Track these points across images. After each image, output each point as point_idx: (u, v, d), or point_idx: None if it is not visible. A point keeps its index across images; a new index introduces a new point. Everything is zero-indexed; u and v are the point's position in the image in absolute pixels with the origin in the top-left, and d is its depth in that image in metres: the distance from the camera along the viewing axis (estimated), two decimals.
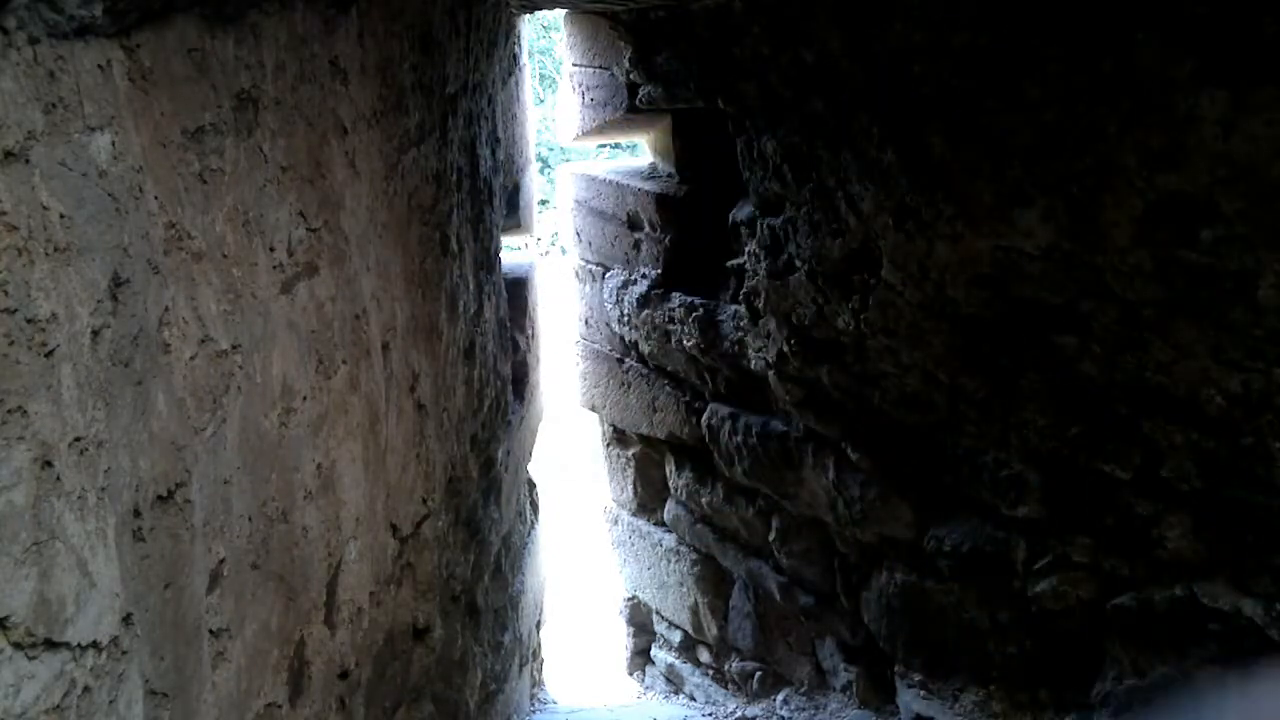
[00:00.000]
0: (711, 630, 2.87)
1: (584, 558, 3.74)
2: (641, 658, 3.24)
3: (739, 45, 2.28)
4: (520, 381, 2.61)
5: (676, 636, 3.03)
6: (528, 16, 2.74)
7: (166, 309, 0.77)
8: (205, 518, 0.84)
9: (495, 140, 2.25)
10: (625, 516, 3.09)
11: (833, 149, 2.01)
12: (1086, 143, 1.59)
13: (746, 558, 2.68)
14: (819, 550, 2.47)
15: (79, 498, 0.64)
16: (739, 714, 2.69)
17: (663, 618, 3.07)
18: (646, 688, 3.18)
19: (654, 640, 3.19)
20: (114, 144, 0.69)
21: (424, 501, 1.55)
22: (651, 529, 3.00)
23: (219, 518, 0.87)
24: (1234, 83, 1.46)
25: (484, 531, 2.03)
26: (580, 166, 3.06)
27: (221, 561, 0.87)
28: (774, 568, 2.60)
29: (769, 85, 2.15)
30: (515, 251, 2.78)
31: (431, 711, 1.60)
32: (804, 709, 2.56)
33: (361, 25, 1.25)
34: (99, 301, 0.67)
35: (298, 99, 1.04)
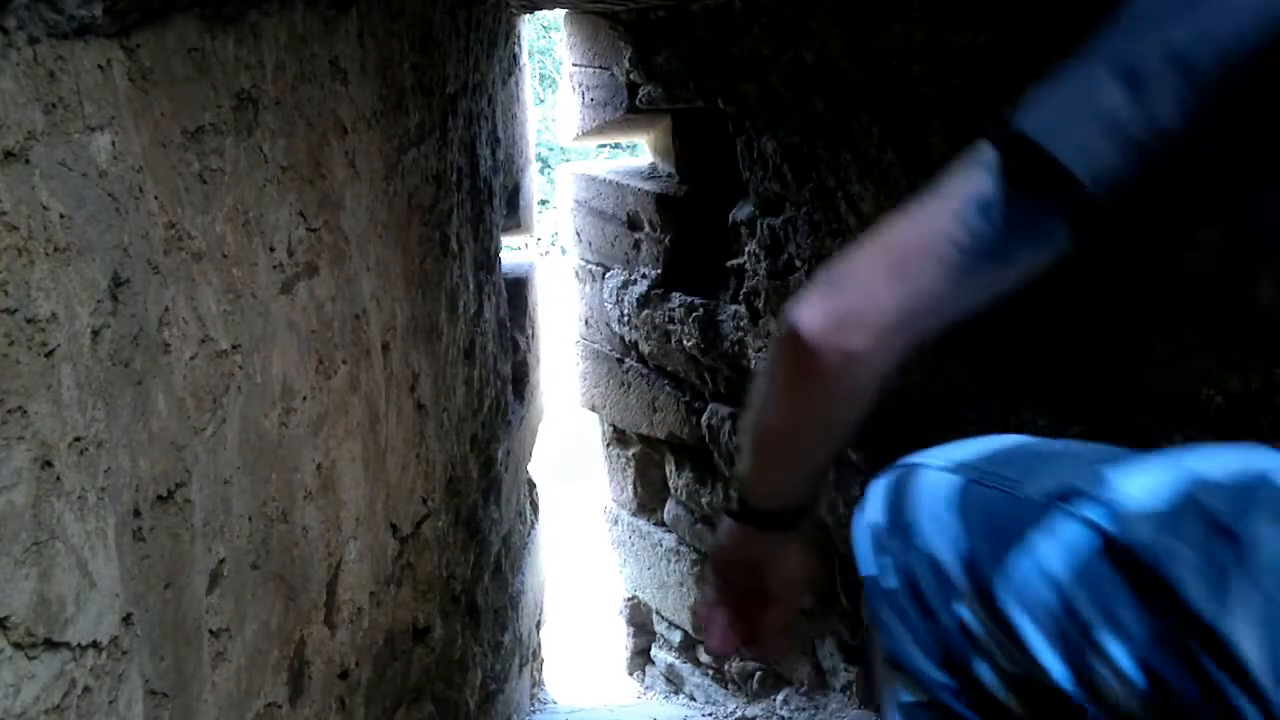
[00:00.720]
0: None
1: (584, 558, 3.73)
2: (641, 658, 3.24)
3: (739, 45, 2.28)
4: (520, 381, 2.61)
5: (676, 636, 3.03)
6: (528, 16, 2.74)
7: (166, 309, 0.77)
8: (205, 518, 0.84)
9: (495, 140, 2.25)
10: (625, 516, 3.09)
11: (833, 149, 2.01)
12: None
13: None
14: (819, 550, 2.46)
15: (79, 498, 0.64)
16: (739, 714, 2.69)
17: (663, 618, 3.07)
18: (646, 688, 3.18)
19: (654, 640, 3.18)
20: (114, 144, 0.69)
21: (424, 501, 1.55)
22: (651, 529, 3.00)
23: (219, 518, 0.87)
24: None
25: (484, 531, 2.03)
26: (580, 166, 3.06)
27: (221, 561, 0.87)
28: None
29: (769, 85, 2.15)
30: (515, 251, 2.78)
31: (431, 711, 1.60)
32: (804, 709, 2.56)
33: (361, 25, 1.25)
34: (99, 301, 0.67)
35: (298, 99, 1.04)
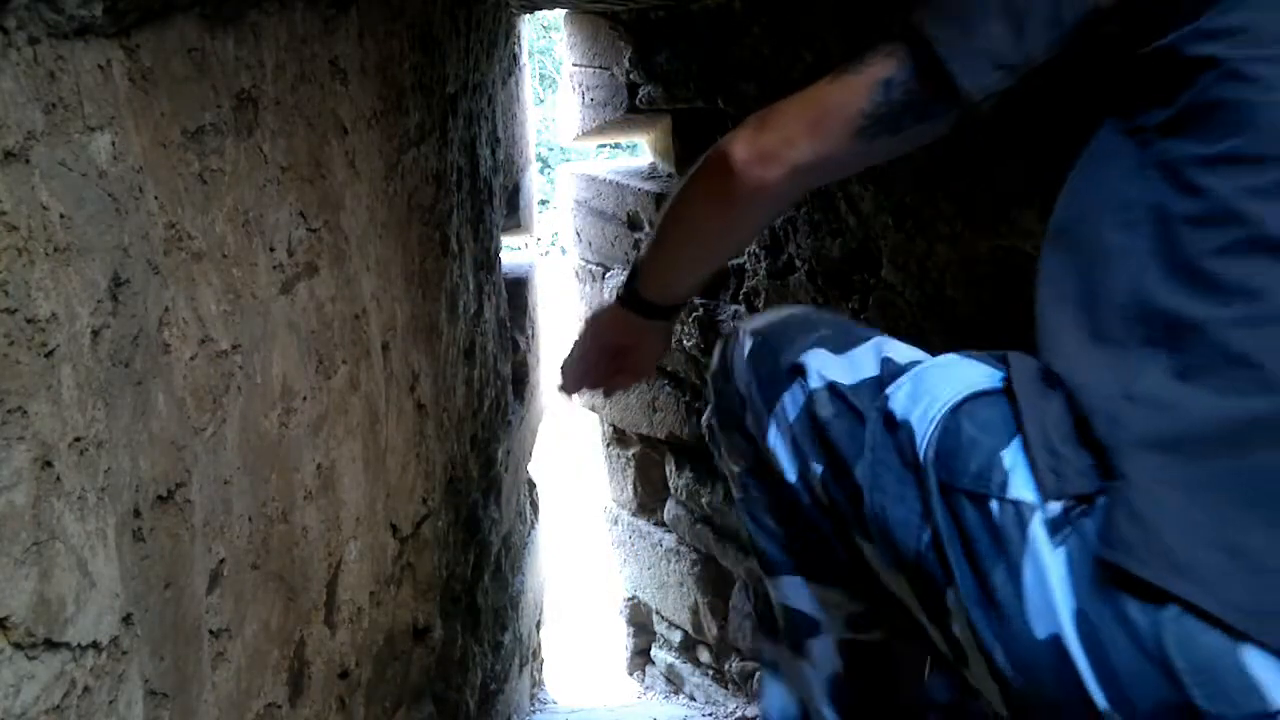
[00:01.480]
0: (711, 630, 2.86)
1: (584, 558, 3.73)
2: (641, 658, 3.23)
3: (739, 45, 2.28)
4: (520, 381, 2.61)
5: (676, 636, 3.03)
6: (528, 16, 2.74)
7: (166, 309, 0.77)
8: (205, 518, 0.84)
9: (495, 140, 2.25)
10: (625, 516, 3.09)
11: None
12: (1087, 142, 1.59)
13: (747, 558, 2.68)
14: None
15: (79, 498, 0.64)
16: (739, 714, 2.69)
17: (663, 618, 3.07)
18: (646, 688, 3.18)
19: (654, 640, 3.18)
20: (114, 144, 0.69)
21: (424, 501, 1.55)
22: (651, 529, 3.00)
23: (219, 518, 0.87)
24: None
25: (484, 531, 2.03)
26: (580, 166, 3.06)
27: (221, 561, 0.87)
28: None
29: (769, 85, 2.15)
30: (515, 251, 2.78)
31: (431, 711, 1.60)
32: None
33: (361, 25, 1.25)
34: (99, 301, 0.67)
35: (298, 99, 1.04)
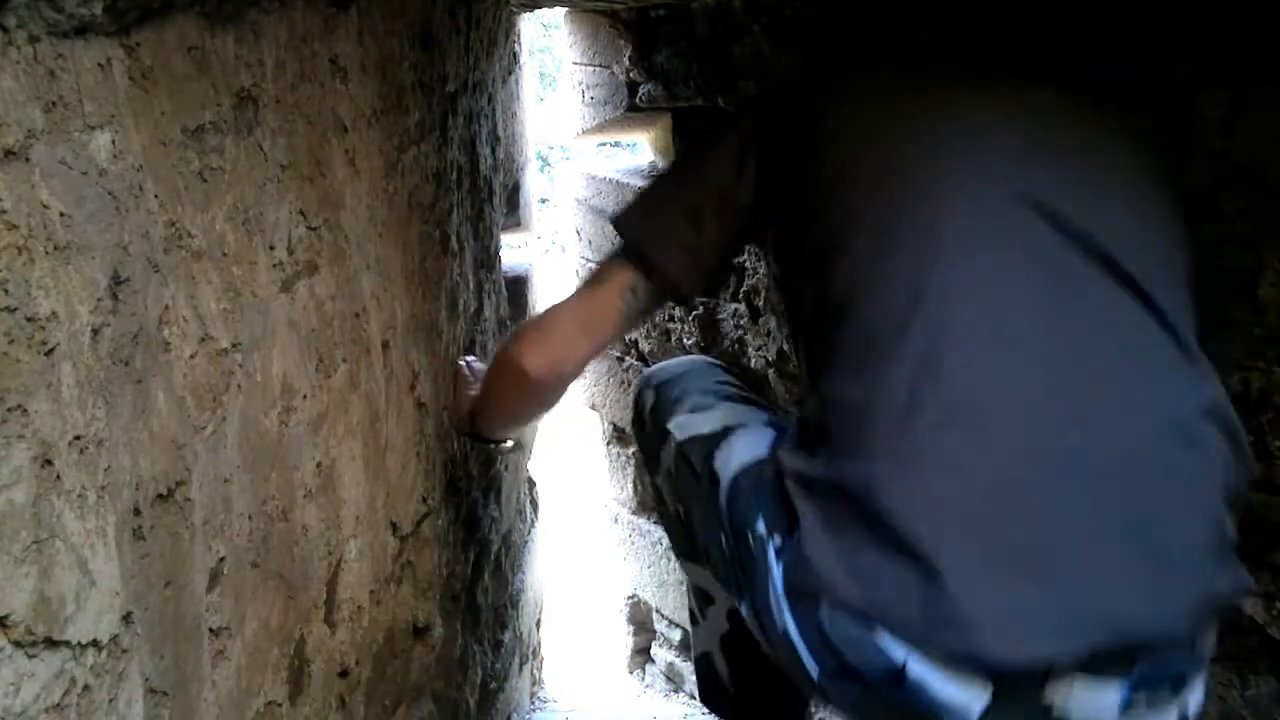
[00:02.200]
0: None
1: (584, 556, 3.73)
2: (641, 656, 3.23)
3: (739, 44, 2.28)
4: None
5: (677, 635, 3.03)
6: (528, 15, 2.73)
7: (166, 307, 0.77)
8: (205, 516, 0.84)
9: (495, 138, 2.25)
10: (625, 515, 3.09)
11: None
12: None
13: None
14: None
15: (79, 496, 0.64)
16: None
17: (663, 616, 3.07)
18: (646, 686, 3.18)
19: (654, 639, 3.18)
20: (114, 142, 0.69)
21: (424, 500, 1.55)
22: (651, 527, 3.00)
23: (219, 516, 0.87)
24: (1234, 82, 1.46)
25: (484, 530, 2.04)
26: (580, 165, 3.05)
27: (221, 560, 0.87)
28: None
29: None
30: (515, 250, 2.77)
31: (431, 710, 1.60)
32: None
33: (361, 24, 1.25)
34: (99, 300, 0.67)
35: (298, 97, 1.04)
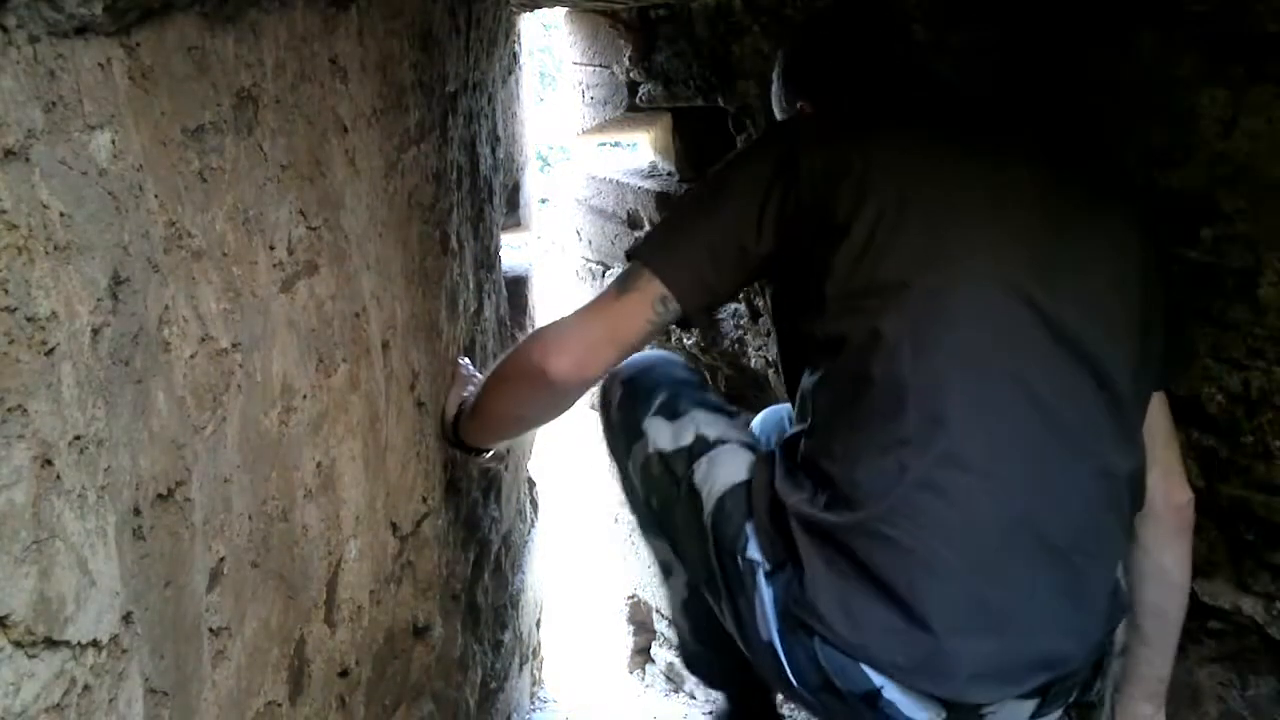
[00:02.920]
0: None
1: (584, 556, 3.73)
2: (642, 656, 3.23)
3: (739, 44, 2.28)
4: None
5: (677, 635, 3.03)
6: (528, 15, 2.73)
7: (166, 307, 0.77)
8: (205, 516, 0.84)
9: (495, 138, 2.25)
10: (625, 514, 3.09)
11: None
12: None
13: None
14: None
15: (79, 496, 0.64)
16: None
17: (663, 616, 3.07)
18: (647, 686, 3.18)
19: (654, 638, 3.18)
20: (114, 142, 0.69)
21: (424, 500, 1.55)
22: None
23: (219, 516, 0.87)
24: (1234, 81, 1.46)
25: (484, 530, 2.03)
26: (580, 165, 3.05)
27: (221, 560, 0.87)
28: None
29: (769, 83, 2.14)
30: (515, 250, 2.77)
31: (431, 710, 1.60)
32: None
33: (361, 23, 1.25)
34: (99, 300, 0.67)
35: (298, 97, 1.04)
